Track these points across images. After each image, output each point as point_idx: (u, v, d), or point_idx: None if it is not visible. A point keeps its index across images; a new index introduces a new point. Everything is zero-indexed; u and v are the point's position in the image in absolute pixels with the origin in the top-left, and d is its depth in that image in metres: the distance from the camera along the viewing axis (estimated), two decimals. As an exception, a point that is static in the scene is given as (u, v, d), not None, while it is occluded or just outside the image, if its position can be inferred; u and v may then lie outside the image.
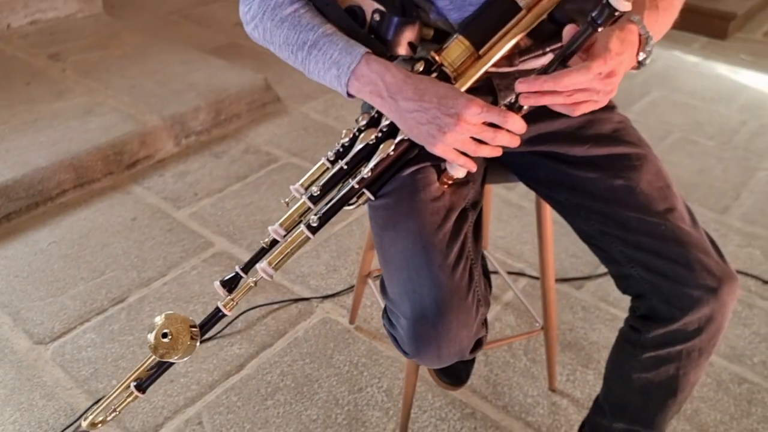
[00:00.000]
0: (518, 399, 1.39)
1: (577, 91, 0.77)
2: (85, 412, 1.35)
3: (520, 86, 0.79)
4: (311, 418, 1.35)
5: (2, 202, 1.88)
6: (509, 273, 1.72)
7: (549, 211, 1.17)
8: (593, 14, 0.76)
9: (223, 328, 1.55)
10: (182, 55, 2.68)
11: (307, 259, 1.78)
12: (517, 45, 0.91)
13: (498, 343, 1.46)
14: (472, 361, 1.29)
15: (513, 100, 0.82)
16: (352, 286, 1.64)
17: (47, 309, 1.61)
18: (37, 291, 1.66)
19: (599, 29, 0.77)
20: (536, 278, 1.69)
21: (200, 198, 2.03)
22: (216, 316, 0.87)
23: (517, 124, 0.79)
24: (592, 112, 0.96)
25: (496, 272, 1.66)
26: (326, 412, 1.36)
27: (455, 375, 1.26)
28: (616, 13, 0.75)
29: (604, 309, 1.62)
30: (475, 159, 0.85)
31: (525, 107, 0.81)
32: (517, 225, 1.90)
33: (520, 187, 1.07)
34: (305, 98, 2.61)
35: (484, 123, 0.79)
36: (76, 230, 1.88)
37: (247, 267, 0.87)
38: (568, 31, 0.79)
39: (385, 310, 0.92)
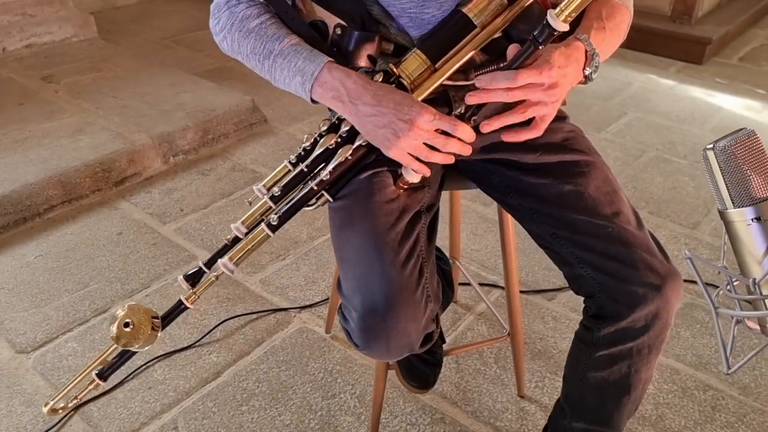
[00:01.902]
0: (487, 405, 1.43)
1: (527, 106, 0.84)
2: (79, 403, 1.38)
3: (470, 99, 0.85)
4: (285, 422, 1.38)
5: (-9, 217, 1.93)
6: (483, 285, 1.76)
7: (511, 222, 1.22)
8: (535, 33, 0.82)
9: (202, 337, 1.59)
10: (172, 78, 2.75)
11: (287, 271, 1.82)
12: (473, 60, 0.97)
13: (466, 348, 1.50)
14: (440, 365, 1.33)
15: (463, 111, 0.88)
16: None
17: (30, 319, 1.64)
18: (21, 302, 1.70)
19: (540, 47, 0.83)
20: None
21: (186, 213, 2.08)
22: (178, 308, 0.91)
23: (466, 132, 0.85)
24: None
25: (468, 284, 1.71)
26: (299, 417, 1.39)
27: (423, 379, 1.30)
28: (555, 33, 0.81)
29: (575, 319, 1.66)
30: (431, 165, 0.91)
31: (475, 117, 0.87)
32: (492, 239, 1.95)
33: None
34: (291, 120, 2.68)
35: (436, 130, 0.85)
36: (63, 244, 1.93)
37: (210, 262, 0.92)
38: (511, 50, 0.85)
39: (340, 306, 0.96)
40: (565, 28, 0.82)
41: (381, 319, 0.86)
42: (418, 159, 0.88)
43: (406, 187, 0.94)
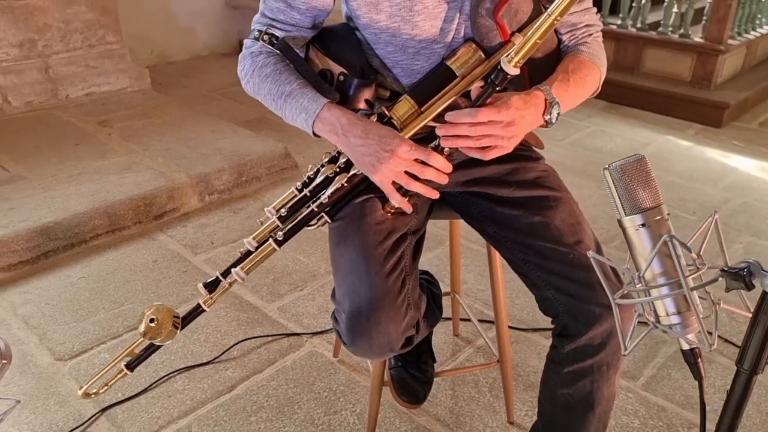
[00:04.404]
0: (478, 428, 1.52)
1: (484, 136, 0.99)
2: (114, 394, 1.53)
3: (440, 131, 1.01)
4: (288, 434, 1.50)
5: (42, 241, 2.14)
6: (483, 321, 1.87)
7: (498, 259, 1.35)
8: (492, 77, 0.98)
9: (220, 355, 1.74)
10: (214, 126, 3.00)
11: (303, 301, 1.97)
12: (456, 104, 1.13)
13: (458, 371, 1.60)
14: (430, 383, 1.44)
15: (437, 144, 1.03)
16: (340, 325, 1.81)
17: (70, 332, 1.82)
18: (63, 316, 1.89)
19: (497, 89, 0.99)
20: (511, 328, 1.84)
21: (216, 246, 2.27)
22: (196, 311, 1.06)
23: (440, 161, 1.00)
24: (519, 161, 1.17)
25: (469, 319, 1.82)
26: (302, 429, 1.51)
27: (414, 395, 1.41)
28: (508, 76, 0.97)
29: (569, 356, 1.75)
30: (418, 196, 1.06)
31: (446, 149, 1.02)
32: (498, 280, 2.07)
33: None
34: (320, 166, 2.88)
35: (415, 160, 1.00)
36: (104, 268, 2.12)
37: (225, 273, 1.07)
38: (474, 91, 1.01)
39: (333, 312, 1.11)
40: (516, 72, 0.97)
41: (365, 320, 0.99)
42: (399, 190, 1.03)
43: (392, 211, 1.09)
